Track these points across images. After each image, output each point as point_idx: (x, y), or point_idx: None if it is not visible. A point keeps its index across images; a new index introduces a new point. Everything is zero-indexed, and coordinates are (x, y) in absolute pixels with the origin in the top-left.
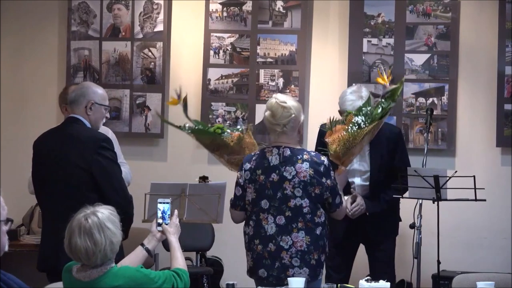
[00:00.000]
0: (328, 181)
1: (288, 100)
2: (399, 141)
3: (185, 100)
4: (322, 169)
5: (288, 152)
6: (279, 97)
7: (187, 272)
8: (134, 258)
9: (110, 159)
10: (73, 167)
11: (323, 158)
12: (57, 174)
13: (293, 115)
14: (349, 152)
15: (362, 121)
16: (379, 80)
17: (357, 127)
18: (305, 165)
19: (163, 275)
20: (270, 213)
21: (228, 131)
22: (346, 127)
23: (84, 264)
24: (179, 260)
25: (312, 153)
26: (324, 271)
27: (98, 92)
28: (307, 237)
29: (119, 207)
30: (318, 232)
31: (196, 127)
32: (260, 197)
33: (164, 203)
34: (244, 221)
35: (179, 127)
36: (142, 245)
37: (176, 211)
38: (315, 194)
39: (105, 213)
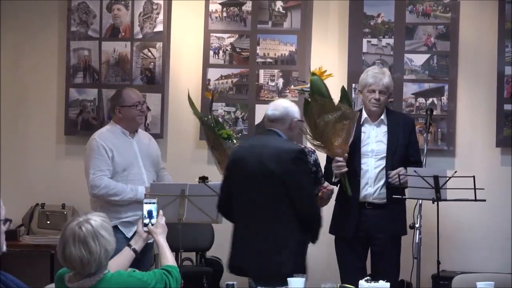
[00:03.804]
0: None
1: None
2: (413, 129)
3: (213, 96)
4: None
5: None
6: None
7: (177, 268)
8: (123, 259)
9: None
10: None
11: None
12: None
13: None
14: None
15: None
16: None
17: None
18: None
19: (155, 276)
20: None
21: (234, 141)
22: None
23: (77, 272)
24: (168, 258)
25: None
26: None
27: (298, 111)
28: None
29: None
30: None
31: (211, 123)
32: None
33: (150, 203)
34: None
35: (198, 116)
36: (129, 245)
37: (161, 212)
38: None
39: (98, 220)
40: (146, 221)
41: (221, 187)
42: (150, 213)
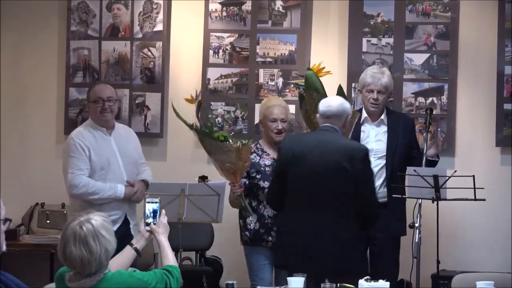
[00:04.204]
0: None
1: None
2: (413, 129)
3: (200, 102)
4: None
5: None
6: None
7: (178, 268)
8: (124, 259)
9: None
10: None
11: None
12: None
13: None
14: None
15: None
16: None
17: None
18: None
19: (155, 276)
20: None
21: (230, 140)
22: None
23: (77, 272)
24: (169, 257)
25: None
26: None
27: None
28: None
29: None
30: None
31: (202, 129)
32: None
33: (152, 202)
34: None
35: (188, 125)
36: (131, 244)
37: (163, 211)
38: None
39: (98, 220)
40: (149, 220)
41: (275, 181)
42: (155, 212)
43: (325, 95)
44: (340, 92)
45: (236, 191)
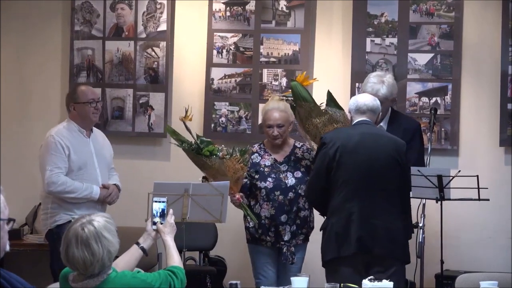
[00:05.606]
0: None
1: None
2: (415, 134)
3: (186, 120)
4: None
5: None
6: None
7: (182, 269)
8: (130, 258)
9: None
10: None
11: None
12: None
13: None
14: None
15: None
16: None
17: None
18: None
19: (159, 277)
20: None
21: (219, 154)
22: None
23: (80, 273)
24: (174, 258)
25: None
26: None
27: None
28: None
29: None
30: None
31: (186, 147)
32: None
33: (159, 202)
34: None
35: (179, 141)
36: (138, 244)
37: (171, 211)
38: None
39: (101, 221)
40: (156, 219)
41: (321, 177)
42: (162, 211)
43: (314, 102)
44: (329, 97)
45: (234, 202)
